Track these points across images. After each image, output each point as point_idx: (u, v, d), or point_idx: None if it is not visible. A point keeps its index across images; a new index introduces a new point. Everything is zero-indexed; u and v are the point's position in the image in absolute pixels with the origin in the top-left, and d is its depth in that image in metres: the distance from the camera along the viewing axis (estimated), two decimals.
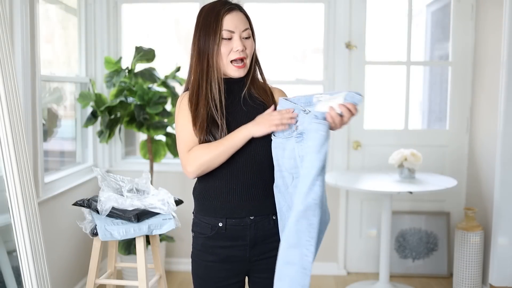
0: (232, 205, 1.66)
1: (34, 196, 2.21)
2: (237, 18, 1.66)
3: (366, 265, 3.80)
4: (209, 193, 1.69)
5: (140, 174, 2.39)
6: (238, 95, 1.72)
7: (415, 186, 3.16)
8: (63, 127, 3.48)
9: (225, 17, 1.65)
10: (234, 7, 1.68)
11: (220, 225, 1.67)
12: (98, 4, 3.64)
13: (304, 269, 1.50)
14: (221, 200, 1.67)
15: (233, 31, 1.65)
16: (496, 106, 3.18)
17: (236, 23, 1.66)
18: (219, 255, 1.68)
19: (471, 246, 3.23)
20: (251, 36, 1.71)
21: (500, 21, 3.12)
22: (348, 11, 3.64)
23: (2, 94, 2.12)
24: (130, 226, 2.14)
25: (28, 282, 2.12)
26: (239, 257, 1.68)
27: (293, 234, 1.51)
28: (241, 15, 1.69)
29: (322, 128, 1.54)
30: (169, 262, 3.79)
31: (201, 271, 1.72)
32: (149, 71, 3.37)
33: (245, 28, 1.67)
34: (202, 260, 1.71)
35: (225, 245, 1.68)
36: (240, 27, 1.66)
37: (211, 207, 1.68)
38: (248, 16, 1.72)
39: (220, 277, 1.69)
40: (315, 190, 1.50)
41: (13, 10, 2.55)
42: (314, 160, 1.52)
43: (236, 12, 1.68)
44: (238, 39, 1.66)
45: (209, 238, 1.68)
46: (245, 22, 1.68)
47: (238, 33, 1.66)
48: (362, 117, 3.75)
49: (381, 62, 4.03)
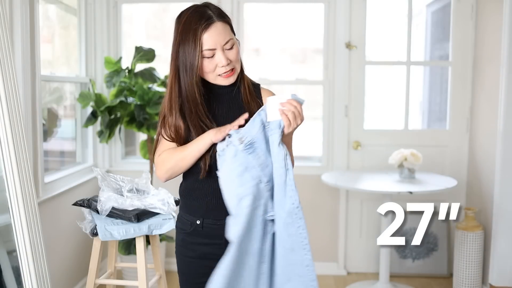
0: (210, 207, 1.69)
1: (34, 196, 2.21)
2: (216, 33, 1.59)
3: (366, 265, 3.80)
4: (189, 193, 1.73)
5: (140, 174, 2.39)
6: (226, 99, 1.71)
7: (415, 186, 3.16)
8: (63, 127, 3.48)
9: (204, 36, 1.58)
10: (211, 20, 1.59)
11: (197, 222, 1.71)
12: (98, 4, 3.64)
13: (307, 266, 1.57)
14: (199, 200, 1.70)
15: (214, 49, 1.59)
16: (496, 106, 3.17)
17: (216, 39, 1.58)
18: (196, 251, 1.73)
19: (471, 246, 3.23)
20: (234, 44, 1.63)
21: (500, 21, 3.12)
22: (348, 11, 3.64)
23: (2, 94, 2.12)
24: (130, 226, 2.14)
25: (28, 282, 2.12)
26: (215, 254, 1.68)
27: (286, 238, 1.57)
28: (220, 25, 1.59)
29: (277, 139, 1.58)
30: (169, 262, 3.79)
31: (182, 266, 1.78)
32: (149, 71, 3.37)
33: (226, 40, 1.60)
34: (183, 255, 1.77)
35: (202, 242, 1.72)
36: (220, 41, 1.59)
37: (191, 205, 1.73)
38: (226, 19, 1.63)
39: (199, 273, 1.73)
40: (290, 195, 1.56)
41: (13, 10, 2.55)
42: (278, 168, 1.58)
43: (214, 25, 1.59)
44: (221, 54, 1.60)
45: (188, 234, 1.73)
46: (224, 34, 1.60)
47: (220, 48, 1.60)
48: (362, 117, 3.75)
49: (381, 62, 4.03)
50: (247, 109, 1.69)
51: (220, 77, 1.65)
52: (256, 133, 1.58)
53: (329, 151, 3.76)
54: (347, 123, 3.73)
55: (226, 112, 1.70)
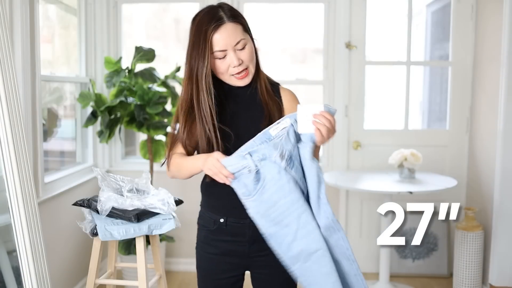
0: (232, 206, 1.67)
1: (34, 196, 2.21)
2: (226, 34, 1.58)
3: (366, 265, 3.80)
4: (211, 191, 1.74)
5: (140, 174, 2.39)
6: (243, 100, 1.71)
7: (415, 186, 3.16)
8: (63, 127, 3.48)
9: (214, 37, 1.58)
10: (221, 21, 1.58)
11: (221, 221, 1.72)
12: (98, 4, 3.64)
13: (355, 275, 1.63)
14: (222, 199, 1.71)
15: (225, 50, 1.59)
16: (496, 106, 3.17)
17: (226, 40, 1.58)
18: (219, 248, 1.74)
19: (471, 246, 3.23)
20: (247, 44, 1.62)
21: (500, 21, 3.12)
22: (348, 11, 3.64)
23: (2, 94, 2.12)
24: (130, 226, 2.14)
25: (28, 282, 2.12)
26: (238, 251, 1.73)
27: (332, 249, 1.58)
28: (231, 26, 1.59)
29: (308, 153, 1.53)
30: (169, 262, 3.79)
31: (203, 262, 1.79)
32: (149, 71, 3.37)
33: (237, 41, 1.59)
34: (204, 251, 1.78)
35: (225, 239, 1.73)
36: (231, 42, 1.59)
37: (213, 204, 1.75)
38: (238, 19, 1.62)
39: (220, 270, 1.75)
40: (324, 209, 1.53)
41: (13, 10, 2.55)
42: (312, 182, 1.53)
43: (224, 26, 1.58)
44: (233, 55, 1.59)
45: (211, 231, 1.75)
46: (235, 34, 1.59)
47: (231, 48, 1.59)
48: (362, 117, 3.75)
49: (381, 62, 4.04)
50: (265, 109, 1.69)
51: (234, 77, 1.64)
52: (293, 146, 1.53)
53: (329, 151, 3.76)
54: (347, 123, 3.73)
55: (244, 112, 1.70)
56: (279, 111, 1.71)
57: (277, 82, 1.79)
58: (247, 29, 1.65)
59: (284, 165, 1.51)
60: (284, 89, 1.78)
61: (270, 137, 1.55)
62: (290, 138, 1.53)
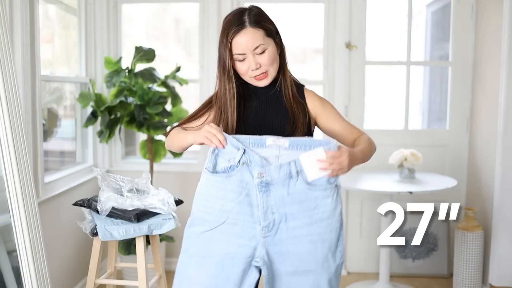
0: None
1: (34, 196, 2.21)
2: (245, 39, 1.64)
3: (366, 265, 3.80)
4: None
5: (140, 174, 2.39)
6: (267, 99, 1.76)
7: (415, 186, 3.16)
8: (63, 127, 3.48)
9: (233, 41, 1.64)
10: (242, 26, 1.64)
11: None
12: (98, 4, 3.64)
13: None
14: None
15: (243, 53, 1.65)
16: (496, 106, 3.18)
17: (245, 45, 1.64)
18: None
19: (471, 246, 3.23)
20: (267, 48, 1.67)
21: (500, 21, 3.12)
22: (348, 11, 3.64)
23: (2, 94, 2.12)
24: (130, 226, 2.14)
25: (28, 282, 2.12)
26: None
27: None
28: (251, 31, 1.64)
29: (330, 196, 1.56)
30: (169, 262, 3.79)
31: None
32: (149, 71, 3.37)
33: (255, 46, 1.65)
34: None
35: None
36: (249, 46, 1.65)
37: None
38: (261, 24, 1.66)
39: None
40: (340, 249, 1.59)
41: (13, 10, 2.55)
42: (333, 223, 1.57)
43: (244, 31, 1.64)
44: (252, 58, 1.66)
45: None
46: (254, 39, 1.64)
47: (250, 52, 1.65)
48: (362, 117, 3.75)
49: (381, 62, 4.04)
50: (289, 110, 1.73)
51: (254, 79, 1.71)
52: (278, 177, 1.54)
53: None
54: None
55: (267, 111, 1.75)
56: (304, 113, 1.75)
57: (302, 84, 1.84)
58: (271, 33, 1.70)
59: (256, 183, 1.54)
60: (308, 90, 1.83)
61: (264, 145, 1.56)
62: (281, 171, 1.54)
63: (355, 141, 1.73)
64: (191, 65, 3.74)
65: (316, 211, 1.55)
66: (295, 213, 1.54)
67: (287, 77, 1.76)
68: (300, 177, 1.54)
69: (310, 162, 1.52)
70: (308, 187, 1.54)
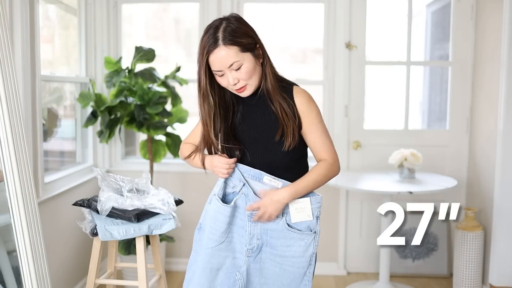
0: None
1: (34, 196, 2.21)
2: (220, 57, 1.64)
3: (366, 265, 3.80)
4: None
5: (140, 174, 2.39)
6: (254, 103, 1.78)
7: (415, 186, 3.16)
8: (63, 127, 3.48)
9: (209, 59, 1.67)
10: (215, 45, 1.64)
11: None
12: (98, 4, 3.64)
13: None
14: None
15: (221, 70, 1.67)
16: (496, 106, 3.18)
17: (219, 63, 1.65)
18: None
19: (471, 246, 3.23)
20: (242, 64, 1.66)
21: (500, 21, 3.12)
22: (348, 11, 3.64)
23: (2, 94, 2.12)
24: (130, 226, 2.14)
25: (28, 282, 2.12)
26: None
27: None
28: (224, 50, 1.63)
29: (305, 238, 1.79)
30: (169, 262, 3.79)
31: None
32: (149, 71, 3.37)
33: (229, 64, 1.65)
34: None
35: None
36: (224, 64, 1.65)
37: None
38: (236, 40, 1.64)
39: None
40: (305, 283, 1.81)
41: (13, 10, 2.55)
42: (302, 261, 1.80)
43: (217, 50, 1.64)
44: (229, 74, 1.67)
45: None
46: (228, 58, 1.64)
47: (226, 69, 1.66)
48: (362, 117, 3.75)
49: (381, 62, 4.03)
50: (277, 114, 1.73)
51: (236, 91, 1.73)
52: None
53: None
54: (347, 123, 3.73)
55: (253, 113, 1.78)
56: (293, 112, 1.73)
57: (293, 83, 1.79)
58: (247, 48, 1.67)
59: (247, 213, 1.78)
60: (298, 91, 1.77)
61: (261, 180, 1.77)
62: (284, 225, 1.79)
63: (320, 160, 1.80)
64: (191, 65, 3.74)
65: (289, 248, 1.77)
66: (274, 244, 1.79)
67: (271, 83, 1.72)
68: (284, 218, 1.76)
69: (296, 208, 1.75)
70: (287, 228, 1.76)
